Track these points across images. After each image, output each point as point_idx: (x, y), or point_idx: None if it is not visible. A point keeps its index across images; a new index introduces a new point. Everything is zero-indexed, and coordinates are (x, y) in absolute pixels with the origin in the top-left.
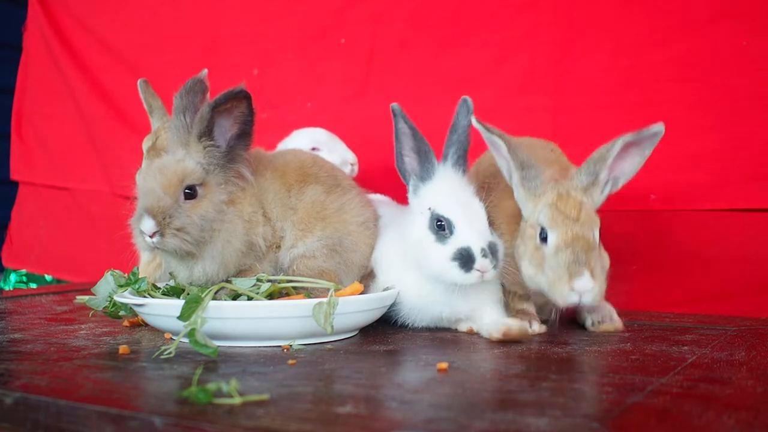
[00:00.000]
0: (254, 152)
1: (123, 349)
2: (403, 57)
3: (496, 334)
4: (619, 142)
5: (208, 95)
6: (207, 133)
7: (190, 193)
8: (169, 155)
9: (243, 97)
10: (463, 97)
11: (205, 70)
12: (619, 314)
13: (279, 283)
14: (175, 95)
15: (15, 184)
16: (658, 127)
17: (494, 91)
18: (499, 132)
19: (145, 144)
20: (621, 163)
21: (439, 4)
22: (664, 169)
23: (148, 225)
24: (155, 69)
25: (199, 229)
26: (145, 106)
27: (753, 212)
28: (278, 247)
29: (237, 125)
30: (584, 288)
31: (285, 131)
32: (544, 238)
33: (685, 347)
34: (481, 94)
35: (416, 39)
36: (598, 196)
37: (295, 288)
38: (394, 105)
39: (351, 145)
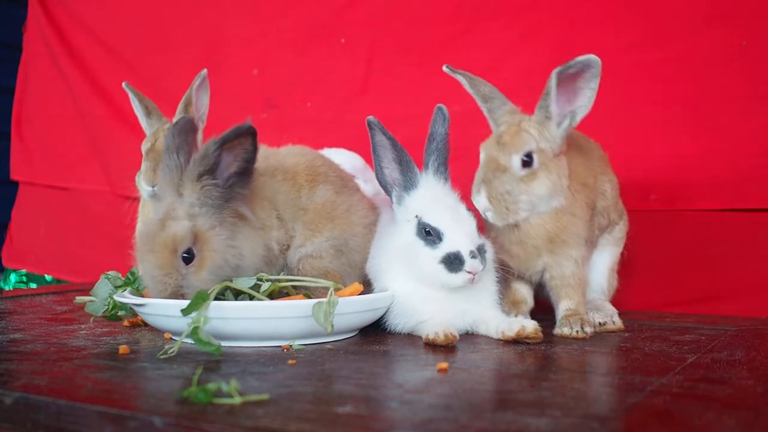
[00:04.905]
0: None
1: (123, 349)
2: (403, 57)
3: (510, 333)
4: (553, 75)
5: (198, 134)
6: (210, 171)
7: (188, 257)
8: (159, 205)
9: (250, 133)
10: (438, 105)
11: (205, 70)
12: (619, 314)
13: (279, 282)
14: (166, 134)
15: (15, 184)
16: (585, 58)
17: None
18: (461, 72)
19: (144, 146)
20: (573, 96)
21: (439, 4)
22: (664, 169)
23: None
24: (155, 69)
25: (214, 279)
26: (141, 109)
27: (753, 212)
28: (288, 247)
29: (238, 162)
30: (480, 206)
31: (285, 131)
32: None
33: (685, 347)
34: None
35: (416, 39)
36: (555, 130)
37: (295, 287)
38: (370, 118)
39: (350, 144)
